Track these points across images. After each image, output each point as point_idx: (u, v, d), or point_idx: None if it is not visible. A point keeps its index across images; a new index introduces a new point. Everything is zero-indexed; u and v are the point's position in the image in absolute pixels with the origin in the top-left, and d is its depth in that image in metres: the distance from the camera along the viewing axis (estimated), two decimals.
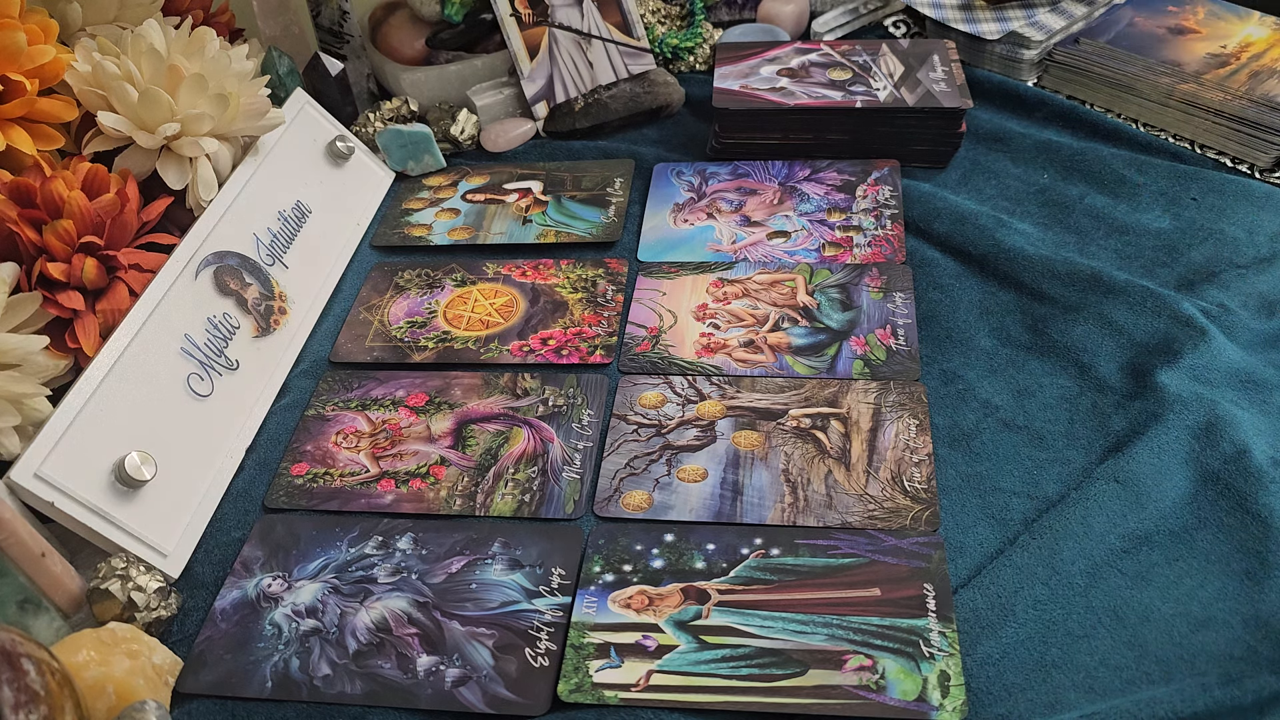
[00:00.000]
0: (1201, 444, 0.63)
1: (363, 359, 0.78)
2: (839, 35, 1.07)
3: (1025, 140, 0.91)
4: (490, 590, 0.61)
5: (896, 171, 0.89)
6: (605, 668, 0.56)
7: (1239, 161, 0.87)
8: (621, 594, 0.60)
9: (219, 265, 0.75)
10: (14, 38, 0.67)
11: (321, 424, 0.73)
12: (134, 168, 0.73)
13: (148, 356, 0.68)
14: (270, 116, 0.80)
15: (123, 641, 0.56)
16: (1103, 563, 0.59)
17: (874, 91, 0.90)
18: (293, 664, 0.58)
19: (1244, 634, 0.54)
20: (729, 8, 1.11)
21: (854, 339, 0.75)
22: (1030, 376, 0.71)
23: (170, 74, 0.73)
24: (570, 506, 0.66)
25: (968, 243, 0.81)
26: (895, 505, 0.63)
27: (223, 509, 0.68)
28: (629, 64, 0.99)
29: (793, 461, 0.67)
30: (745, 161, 0.93)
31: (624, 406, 0.72)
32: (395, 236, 0.90)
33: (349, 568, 0.64)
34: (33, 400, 0.61)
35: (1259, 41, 0.93)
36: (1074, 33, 0.97)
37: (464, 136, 0.97)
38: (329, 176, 0.89)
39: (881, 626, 0.57)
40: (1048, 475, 0.64)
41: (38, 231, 0.65)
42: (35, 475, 0.59)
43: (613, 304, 0.80)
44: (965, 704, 0.53)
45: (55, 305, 0.65)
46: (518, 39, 0.96)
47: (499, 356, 0.77)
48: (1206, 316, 0.72)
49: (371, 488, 0.68)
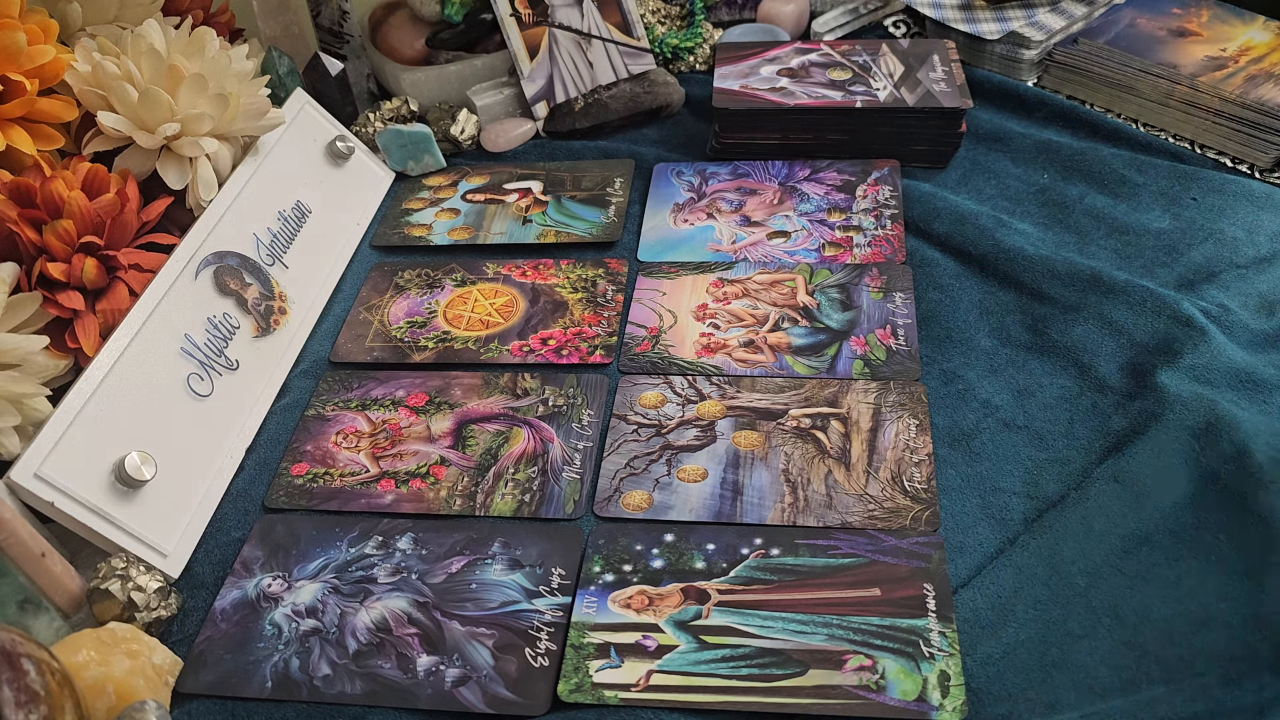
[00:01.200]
0: (1201, 444, 0.63)
1: (363, 359, 0.78)
2: (839, 35, 1.07)
3: (1025, 140, 0.91)
4: (490, 590, 0.61)
5: (896, 171, 0.89)
6: (605, 668, 0.56)
7: (1239, 161, 0.87)
8: (621, 594, 0.60)
9: (219, 265, 0.75)
10: (14, 38, 0.67)
11: (321, 424, 0.73)
12: (134, 168, 0.73)
13: (148, 356, 0.68)
14: (270, 116, 0.80)
15: (123, 641, 0.56)
16: (1103, 563, 0.59)
17: (874, 91, 0.90)
18: (293, 664, 0.58)
19: (1244, 634, 0.54)
20: (729, 8, 1.11)
21: (854, 339, 0.75)
22: (1030, 376, 0.71)
23: (170, 74, 0.73)
24: (570, 506, 0.66)
25: (968, 243, 0.81)
26: (895, 505, 0.63)
27: (223, 509, 0.68)
28: (629, 64, 0.99)
29: (793, 461, 0.67)
30: (745, 161, 0.93)
31: (624, 406, 0.72)
32: (395, 236, 0.90)
33: (349, 568, 0.64)
34: (33, 400, 0.61)
35: (1260, 46, 0.93)
36: (1074, 33, 0.97)
37: (464, 136, 0.97)
38: (329, 176, 0.89)
39: (881, 626, 0.57)
40: (1048, 475, 0.64)
41: (38, 231, 0.65)
42: (35, 475, 0.59)
43: (613, 304, 0.80)
44: (965, 704, 0.53)
45: (55, 305, 0.65)
46: (518, 39, 0.96)
47: (499, 356, 0.77)
48: (1206, 316, 0.72)
49: (371, 488, 0.68)
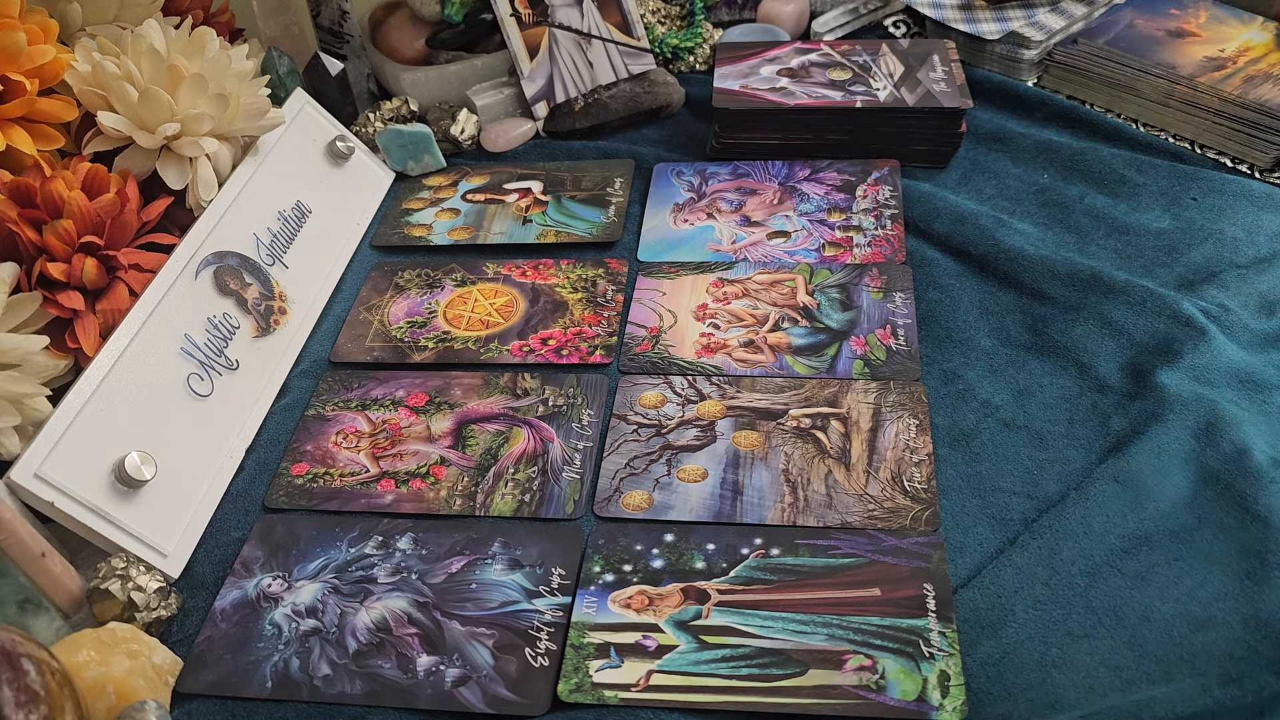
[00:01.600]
0: (1201, 444, 0.63)
1: (363, 359, 0.78)
2: (839, 35, 1.07)
3: (1025, 140, 0.91)
4: (490, 590, 0.61)
5: (896, 171, 0.89)
6: (605, 668, 0.56)
7: (1239, 161, 0.87)
8: (621, 594, 0.60)
9: (219, 265, 0.75)
10: (14, 38, 0.67)
11: (321, 424, 0.73)
12: (134, 168, 0.73)
13: (148, 356, 0.68)
14: (270, 116, 0.80)
15: (123, 641, 0.56)
16: (1103, 563, 0.59)
17: (874, 91, 0.90)
18: (293, 664, 0.58)
19: (1244, 634, 0.54)
20: (729, 8, 1.11)
21: (854, 339, 0.75)
22: (1030, 376, 0.71)
23: (170, 74, 0.73)
24: (570, 506, 0.66)
25: (968, 243, 0.81)
26: (895, 505, 0.63)
27: (223, 509, 0.68)
28: (629, 64, 0.99)
29: (793, 461, 0.67)
30: (745, 161, 0.93)
31: (624, 406, 0.72)
32: (395, 236, 0.90)
33: (349, 568, 0.63)
34: (33, 400, 0.61)
35: (1258, 46, 0.92)
36: (1073, 33, 0.97)
37: (464, 136, 0.97)
38: (329, 176, 0.89)
39: (881, 626, 0.57)
40: (1048, 475, 0.64)
41: (38, 231, 0.65)
42: (35, 475, 0.59)
43: (613, 304, 0.80)
44: (965, 704, 0.53)
45: (55, 305, 0.65)
46: (518, 39, 0.96)
47: (499, 356, 0.77)
48: (1206, 316, 0.72)
49: (371, 488, 0.68)
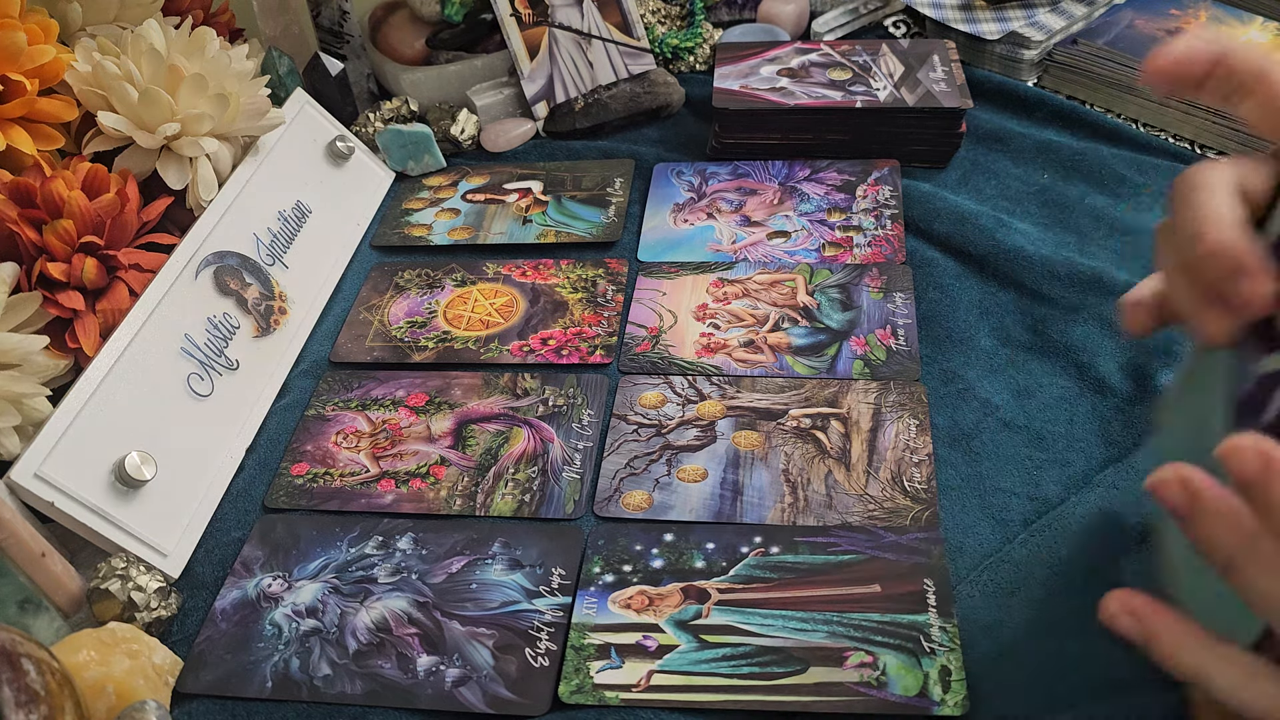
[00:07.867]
0: None
1: (363, 359, 0.78)
2: (839, 35, 1.07)
3: (1025, 140, 0.91)
4: (490, 590, 0.61)
5: (896, 171, 0.89)
6: (606, 668, 0.56)
7: None
8: (621, 594, 0.60)
9: (219, 265, 0.75)
10: (14, 38, 0.67)
11: (321, 424, 0.73)
12: (134, 168, 0.73)
13: (148, 356, 0.68)
14: (270, 116, 0.80)
15: (123, 641, 0.56)
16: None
17: (874, 91, 0.90)
18: (293, 664, 0.58)
19: None
20: (729, 8, 1.11)
21: (854, 339, 0.75)
22: (1030, 376, 0.71)
23: (170, 74, 0.73)
24: (570, 506, 0.66)
25: (968, 243, 0.81)
26: (895, 505, 0.63)
27: (223, 509, 0.68)
28: (629, 64, 0.99)
29: (793, 461, 0.67)
30: (745, 161, 0.93)
31: (624, 406, 0.72)
32: (395, 236, 0.90)
33: (349, 568, 0.63)
34: (33, 400, 0.61)
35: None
36: (1073, 33, 0.97)
37: (464, 136, 0.97)
38: (329, 176, 0.89)
39: (882, 623, 0.57)
40: (1048, 476, 0.64)
41: (38, 231, 0.65)
42: (35, 475, 0.59)
43: (613, 304, 0.80)
44: (966, 699, 0.53)
45: (55, 305, 0.65)
46: (518, 39, 0.96)
47: (499, 356, 0.77)
48: None
49: (371, 488, 0.68)
